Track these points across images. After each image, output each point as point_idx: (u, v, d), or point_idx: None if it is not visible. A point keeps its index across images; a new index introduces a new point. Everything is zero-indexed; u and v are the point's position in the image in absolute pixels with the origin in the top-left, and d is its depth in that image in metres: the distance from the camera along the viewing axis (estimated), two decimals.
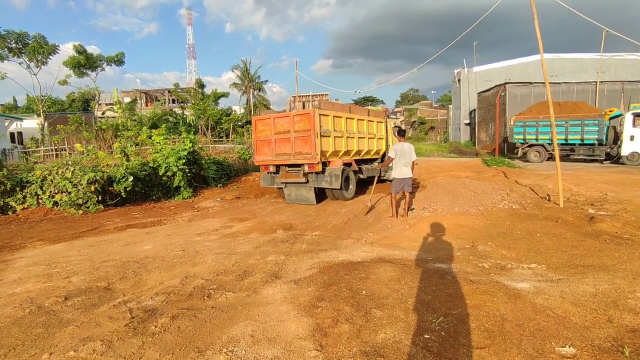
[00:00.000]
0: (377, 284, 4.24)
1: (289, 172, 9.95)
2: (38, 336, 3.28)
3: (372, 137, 11.48)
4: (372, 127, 11.44)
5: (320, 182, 9.38)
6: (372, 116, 11.51)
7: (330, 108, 9.57)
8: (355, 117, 10.42)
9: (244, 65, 47.61)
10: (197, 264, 5.25)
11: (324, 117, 9.11)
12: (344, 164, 9.73)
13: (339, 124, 9.73)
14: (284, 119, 9.57)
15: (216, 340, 3.10)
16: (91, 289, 4.38)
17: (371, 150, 11.57)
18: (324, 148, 9.11)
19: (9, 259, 6.05)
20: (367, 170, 11.28)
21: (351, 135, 10.24)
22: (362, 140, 10.86)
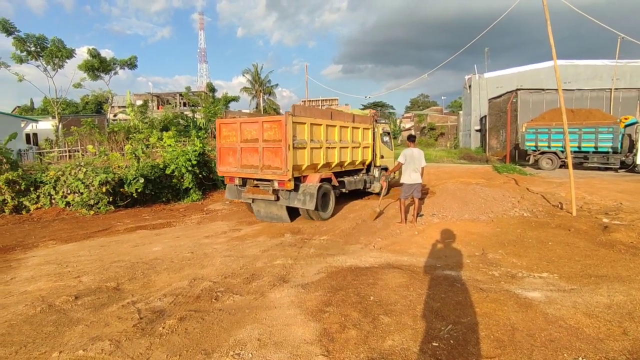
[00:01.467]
0: (385, 290, 4.21)
1: (256, 186, 8.46)
2: (48, 334, 3.32)
3: (357, 146, 9.81)
4: (357, 135, 9.80)
5: (293, 201, 7.95)
6: (357, 122, 9.86)
7: (307, 114, 8.00)
8: (337, 125, 8.82)
9: (255, 70, 48.06)
10: (205, 266, 5.27)
11: (299, 126, 7.58)
12: (322, 179, 8.24)
13: (318, 132, 8.15)
14: (252, 125, 7.92)
15: (223, 343, 3.10)
16: (101, 289, 4.43)
17: (355, 161, 9.90)
18: (299, 162, 7.64)
19: (22, 257, 6.15)
20: (350, 184, 9.82)
21: (332, 145, 8.62)
22: (344, 150, 9.23)
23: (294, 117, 7.43)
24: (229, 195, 9.11)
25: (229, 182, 8.84)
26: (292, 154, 7.35)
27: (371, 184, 10.87)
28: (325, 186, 8.44)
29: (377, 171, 10.94)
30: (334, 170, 8.98)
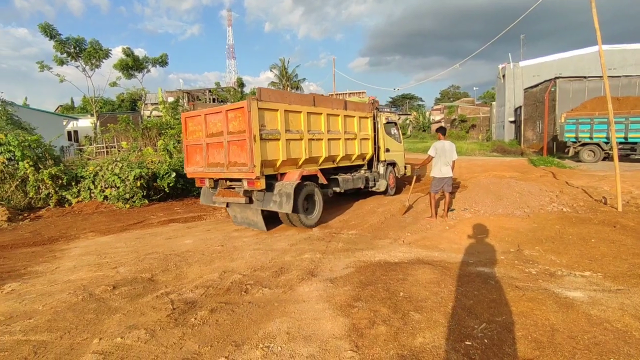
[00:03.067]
0: (415, 285, 4.11)
1: (229, 188, 7.25)
2: (89, 321, 3.48)
3: (352, 138, 8.51)
4: (351, 125, 8.50)
5: (267, 203, 6.69)
6: (351, 110, 8.51)
7: (280, 99, 6.67)
8: (322, 112, 7.49)
9: (282, 64, 48.25)
10: (235, 259, 5.36)
11: (269, 113, 6.36)
12: (303, 176, 6.99)
13: (296, 121, 6.95)
14: (216, 116, 6.75)
15: (253, 335, 3.14)
16: (136, 280, 4.60)
17: (351, 155, 8.61)
18: (270, 156, 6.42)
19: (65, 248, 6.50)
20: (347, 182, 8.47)
21: (317, 136, 7.38)
22: (335, 142, 7.96)
23: (261, 103, 6.20)
24: (203, 200, 7.86)
25: (200, 184, 7.64)
26: (259, 147, 6.11)
27: (375, 182, 9.65)
28: (309, 185, 7.23)
29: (383, 167, 9.81)
30: (323, 167, 7.81)
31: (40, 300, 4.02)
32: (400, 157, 10.76)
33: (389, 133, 10.33)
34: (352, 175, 8.83)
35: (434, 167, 7.40)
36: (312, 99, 7.50)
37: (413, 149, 28.98)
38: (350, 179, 8.64)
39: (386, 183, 9.74)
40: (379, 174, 9.73)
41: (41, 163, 10.50)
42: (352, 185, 8.69)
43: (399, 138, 10.91)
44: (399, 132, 10.96)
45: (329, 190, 8.03)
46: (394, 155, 10.29)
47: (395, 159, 10.39)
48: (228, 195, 7.13)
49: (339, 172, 8.61)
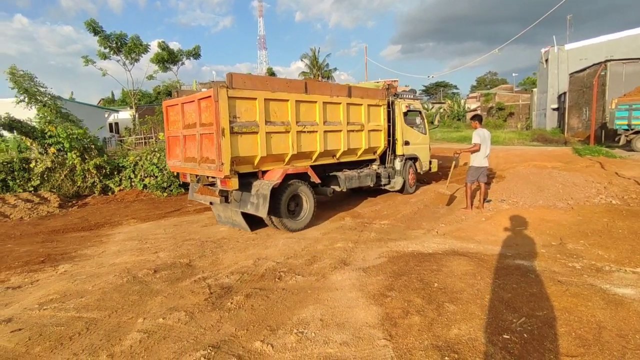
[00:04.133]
0: (450, 277, 4.03)
1: (208, 185, 6.52)
2: (134, 302, 3.69)
3: (358, 129, 7.41)
4: (356, 114, 7.38)
5: (245, 205, 5.97)
6: (357, 97, 7.34)
7: (259, 86, 5.74)
8: (317, 100, 6.49)
9: (313, 54, 48.10)
10: (268, 246, 5.48)
11: (243, 103, 5.52)
12: (288, 174, 6.15)
13: (282, 111, 6.02)
14: (190, 106, 6.04)
15: (287, 321, 3.20)
16: (175, 265, 4.80)
17: (356, 150, 7.53)
18: (244, 152, 5.60)
19: (110, 233, 6.89)
20: (350, 180, 7.51)
21: (309, 128, 6.39)
22: (334, 135, 6.92)
23: (233, 91, 5.36)
24: (190, 196, 7.12)
25: (183, 179, 7.02)
26: (228, 142, 5.32)
27: (389, 179, 8.54)
28: (296, 184, 6.34)
29: (400, 162, 8.65)
30: (319, 163, 6.88)
31: (90, 281, 4.29)
32: (424, 150, 9.54)
33: (411, 123, 9.16)
34: (358, 171, 7.81)
35: (476, 156, 7.11)
36: (304, 85, 6.42)
37: (447, 139, 28.17)
38: (355, 176, 7.63)
39: (403, 180, 8.66)
40: (394, 170, 8.66)
41: (87, 154, 11.12)
42: (358, 184, 7.73)
43: (424, 129, 9.58)
44: (424, 122, 9.61)
45: (328, 189, 7.20)
46: (415, 149, 9.10)
47: (417, 153, 9.20)
48: (206, 193, 6.55)
49: (343, 168, 7.66)
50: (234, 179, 5.61)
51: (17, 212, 8.92)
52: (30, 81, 12.20)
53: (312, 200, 6.59)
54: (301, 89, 6.33)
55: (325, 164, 7.17)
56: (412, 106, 9.07)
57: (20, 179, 10.41)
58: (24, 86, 11.85)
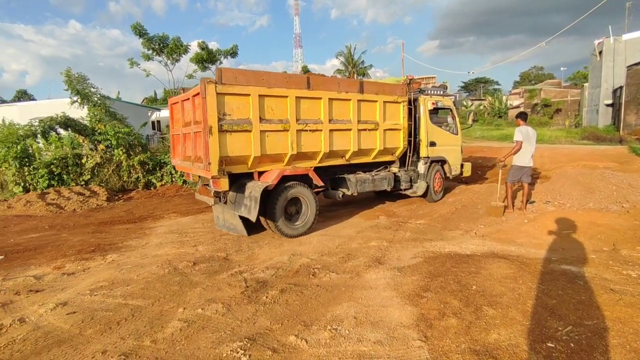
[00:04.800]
0: (489, 280, 3.89)
1: (206, 185, 6.48)
2: (174, 292, 3.86)
3: (372, 128, 6.77)
4: (370, 112, 6.75)
5: (239, 207, 5.67)
6: (371, 93, 6.68)
7: (253, 82, 5.37)
8: (322, 97, 5.99)
9: (348, 51, 47.85)
10: (303, 243, 5.53)
11: (235, 99, 5.22)
12: (285, 176, 5.79)
13: (279, 108, 5.61)
14: (187, 103, 5.92)
15: (321, 317, 3.23)
16: (213, 258, 4.97)
17: (370, 150, 6.90)
18: (236, 152, 5.28)
19: (152, 226, 7.24)
20: (362, 183, 6.91)
21: (311, 126, 5.92)
22: (342, 134, 6.37)
23: (222, 87, 5.07)
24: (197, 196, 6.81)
25: (187, 178, 7.25)
26: (216, 141, 5.07)
27: (411, 184, 7.75)
28: (293, 187, 5.89)
29: (424, 165, 7.83)
30: (326, 164, 6.42)
31: (135, 271, 4.54)
32: (455, 153, 8.56)
33: (439, 122, 8.29)
34: (372, 174, 7.22)
35: (519, 155, 6.76)
36: (307, 80, 5.95)
37: (487, 137, 27.14)
38: (368, 180, 7.02)
39: (426, 185, 7.81)
40: (417, 174, 7.87)
41: (132, 150, 11.75)
42: (372, 187, 7.14)
43: (455, 129, 8.57)
44: (455, 121, 8.59)
45: (338, 192, 6.76)
46: (443, 151, 8.17)
47: (446, 155, 8.26)
48: (204, 193, 6.36)
49: (357, 170, 7.15)
50: (224, 180, 5.32)
51: (70, 204, 9.59)
52: (83, 82, 13.03)
53: (314, 204, 6.09)
54: (303, 85, 5.87)
55: (336, 166, 6.68)
56: (441, 103, 8.19)
57: (73, 173, 11.18)
58: (76, 88, 12.68)
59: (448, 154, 8.33)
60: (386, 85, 7.26)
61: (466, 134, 29.36)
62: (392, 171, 7.64)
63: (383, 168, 7.61)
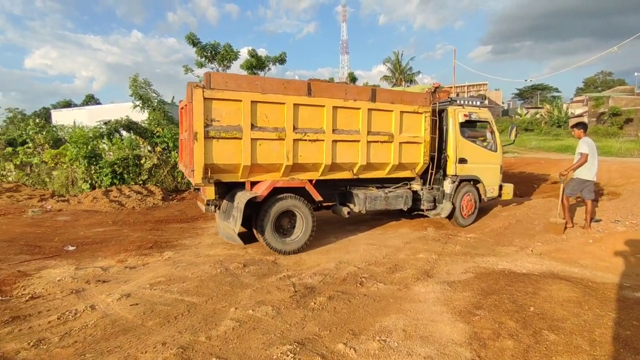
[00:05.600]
0: (549, 302, 3.65)
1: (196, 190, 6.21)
2: (226, 292, 4.01)
3: (385, 140, 6.13)
4: (384, 122, 6.12)
5: (229, 217, 5.51)
6: (383, 101, 6.05)
7: (246, 87, 5.12)
8: (325, 104, 5.57)
9: (396, 57, 47.37)
10: (349, 251, 5.53)
11: (225, 105, 5.01)
12: (277, 188, 5.44)
13: (275, 116, 5.30)
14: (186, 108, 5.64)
15: (369, 327, 3.21)
16: (262, 261, 5.11)
17: (383, 164, 6.28)
18: (223, 160, 5.07)
19: (204, 226, 7.58)
20: (373, 200, 6.24)
21: (311, 136, 5.52)
22: (349, 145, 5.86)
23: (210, 92, 4.91)
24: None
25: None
26: (201, 147, 4.91)
27: (435, 204, 6.94)
28: (286, 200, 5.53)
29: (450, 184, 6.90)
30: (332, 177, 5.97)
31: (189, 269, 4.78)
32: (491, 172, 7.47)
33: (473, 137, 7.34)
34: (385, 191, 6.47)
35: (583, 168, 6.23)
36: (306, 86, 5.51)
37: (544, 147, 25.53)
38: (380, 197, 6.32)
39: (451, 206, 6.87)
40: (442, 193, 6.99)
41: None
42: (385, 205, 6.37)
43: (494, 145, 7.50)
44: (494, 137, 7.51)
45: (344, 208, 6.25)
46: (477, 169, 7.19)
47: (480, 174, 7.24)
48: (200, 199, 6.15)
49: (370, 185, 6.55)
50: (209, 188, 5.15)
51: (130, 202, 10.32)
52: (147, 87, 14.03)
53: (310, 219, 5.66)
54: (302, 91, 5.48)
55: (346, 180, 6.22)
56: (476, 115, 7.19)
57: (133, 173, 12.03)
58: (139, 93, 13.68)
59: (482, 173, 7.31)
60: (405, 93, 6.59)
61: (520, 144, 27.84)
62: (414, 189, 6.86)
63: (403, 185, 6.83)
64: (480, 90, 53.68)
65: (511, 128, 7.80)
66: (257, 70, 31.62)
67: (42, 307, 3.71)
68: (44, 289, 4.15)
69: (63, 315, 3.49)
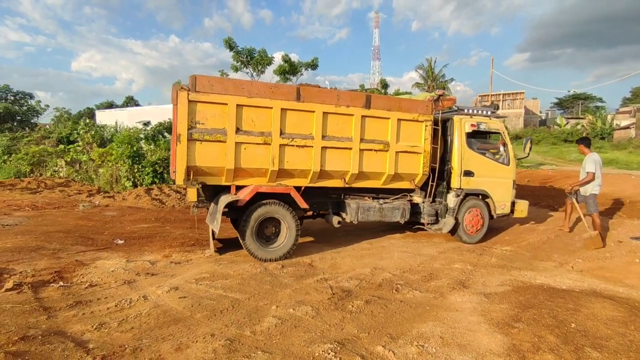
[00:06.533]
0: (592, 320, 3.59)
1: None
2: (267, 291, 4.21)
3: (381, 149, 5.92)
4: (380, 130, 5.91)
5: (212, 220, 5.57)
6: (379, 108, 5.85)
7: (232, 90, 5.13)
8: (315, 110, 5.47)
9: (429, 64, 46.83)
10: (384, 258, 5.61)
11: (210, 107, 5.05)
12: (260, 193, 5.37)
13: (261, 120, 5.26)
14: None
15: (406, 332, 3.29)
16: (299, 263, 5.28)
17: (378, 174, 6.04)
18: (206, 162, 5.11)
19: None
20: (366, 210, 6.04)
21: (298, 142, 5.43)
22: (340, 153, 5.70)
23: (195, 94, 4.95)
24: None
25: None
26: (184, 149, 4.96)
27: (437, 218, 6.58)
28: (269, 206, 5.42)
29: (454, 198, 6.52)
30: (321, 185, 5.82)
31: (231, 267, 5.03)
32: (502, 187, 6.93)
33: (483, 149, 6.90)
34: (380, 202, 6.23)
35: (596, 184, 6.38)
36: (296, 90, 5.45)
37: (575, 160, 24.35)
38: (373, 208, 6.08)
39: (454, 222, 6.49)
40: (445, 207, 6.62)
41: None
42: (379, 217, 6.14)
43: (506, 158, 6.96)
44: (507, 149, 6.97)
45: (335, 217, 6.06)
46: (485, 183, 6.74)
47: (488, 188, 6.76)
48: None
49: (365, 195, 6.32)
50: (192, 190, 5.21)
51: (170, 200, 10.84)
52: None
53: (294, 227, 5.52)
54: (291, 96, 5.40)
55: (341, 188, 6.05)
56: (485, 126, 6.76)
57: None
58: None
59: (492, 188, 6.81)
60: (404, 100, 6.34)
61: (559, 156, 26.79)
62: (415, 201, 6.62)
63: (402, 196, 6.53)
64: (516, 99, 51.88)
65: (525, 141, 7.31)
66: (289, 76, 32.27)
67: (100, 295, 4.04)
68: (100, 278, 4.51)
69: (119, 304, 3.79)
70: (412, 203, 6.57)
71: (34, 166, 15.97)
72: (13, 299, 3.74)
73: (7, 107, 34.14)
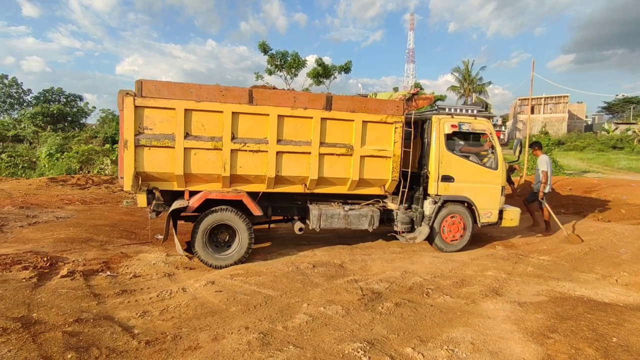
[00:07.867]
0: (636, 335, 3.43)
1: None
2: (298, 289, 4.33)
3: (344, 153, 5.59)
4: (341, 133, 5.59)
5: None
6: (341, 110, 5.53)
7: (179, 95, 5.00)
8: (269, 113, 5.26)
9: (465, 67, 45.68)
10: (414, 262, 5.59)
11: (157, 112, 4.96)
12: (210, 200, 5.21)
13: (212, 124, 5.14)
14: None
15: (436, 336, 3.29)
16: (330, 263, 5.37)
17: (342, 179, 5.73)
18: (155, 168, 5.02)
19: (273, 227, 8.05)
20: (329, 217, 5.72)
21: (252, 146, 5.25)
22: (296, 157, 5.45)
23: (141, 100, 4.86)
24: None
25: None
26: (131, 155, 4.88)
27: (412, 226, 6.18)
28: (220, 212, 5.25)
29: (430, 205, 6.11)
30: (281, 190, 5.63)
31: (263, 265, 5.20)
32: (488, 193, 6.33)
33: (466, 152, 6.37)
34: (345, 208, 5.88)
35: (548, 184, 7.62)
36: (248, 93, 5.25)
37: (635, 169, 22.87)
38: (337, 215, 5.74)
39: (428, 231, 6.06)
40: (421, 215, 6.20)
41: None
42: (345, 224, 5.78)
43: (494, 162, 6.38)
44: (495, 152, 6.37)
45: (297, 224, 5.89)
46: (467, 189, 6.20)
47: (471, 195, 6.21)
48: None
49: (332, 200, 6.05)
50: (141, 196, 5.20)
51: None
52: None
53: (247, 234, 5.32)
54: (243, 99, 5.22)
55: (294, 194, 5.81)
56: (468, 126, 6.19)
57: None
58: None
59: (475, 194, 6.23)
60: (370, 101, 5.90)
61: (606, 164, 25.27)
62: (389, 207, 6.22)
63: (374, 202, 6.20)
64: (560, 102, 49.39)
65: (516, 143, 6.69)
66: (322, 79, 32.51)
67: (143, 285, 4.32)
68: (143, 270, 4.80)
69: (161, 294, 4.04)
70: (387, 210, 6.22)
71: (82, 164, 17.10)
72: (67, 285, 4.08)
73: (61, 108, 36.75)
